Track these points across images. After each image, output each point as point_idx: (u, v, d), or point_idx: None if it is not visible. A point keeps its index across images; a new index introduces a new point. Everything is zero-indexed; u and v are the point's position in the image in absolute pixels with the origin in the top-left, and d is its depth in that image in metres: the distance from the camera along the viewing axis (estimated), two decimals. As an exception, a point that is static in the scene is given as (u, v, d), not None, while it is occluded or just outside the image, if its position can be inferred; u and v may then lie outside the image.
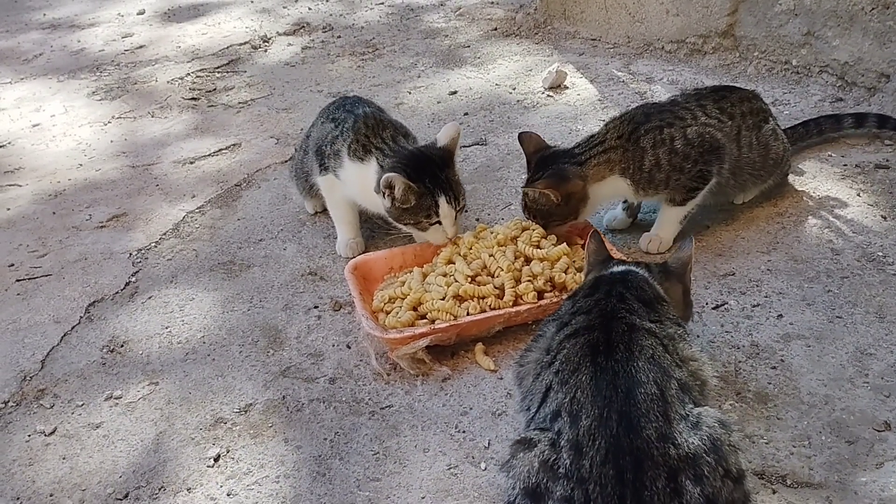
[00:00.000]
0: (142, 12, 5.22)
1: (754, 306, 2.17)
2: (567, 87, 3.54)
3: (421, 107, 3.54)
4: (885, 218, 2.46)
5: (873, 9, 2.98)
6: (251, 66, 4.24)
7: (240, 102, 3.80)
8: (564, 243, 2.27)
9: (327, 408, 1.98)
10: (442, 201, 2.28)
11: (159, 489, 1.81)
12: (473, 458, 1.80)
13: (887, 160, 2.73)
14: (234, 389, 2.07)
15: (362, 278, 2.31)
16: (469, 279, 2.15)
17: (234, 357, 2.19)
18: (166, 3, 5.34)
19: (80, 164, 3.36)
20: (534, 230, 2.29)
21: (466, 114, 3.41)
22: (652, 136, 2.32)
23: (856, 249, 2.34)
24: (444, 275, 2.20)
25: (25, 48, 4.86)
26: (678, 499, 1.36)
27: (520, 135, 2.42)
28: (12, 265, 2.71)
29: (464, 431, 1.87)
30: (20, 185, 3.24)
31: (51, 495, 1.83)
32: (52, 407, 2.08)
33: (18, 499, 1.83)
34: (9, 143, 3.64)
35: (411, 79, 3.85)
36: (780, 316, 2.12)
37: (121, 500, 1.80)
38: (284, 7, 5.04)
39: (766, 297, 2.20)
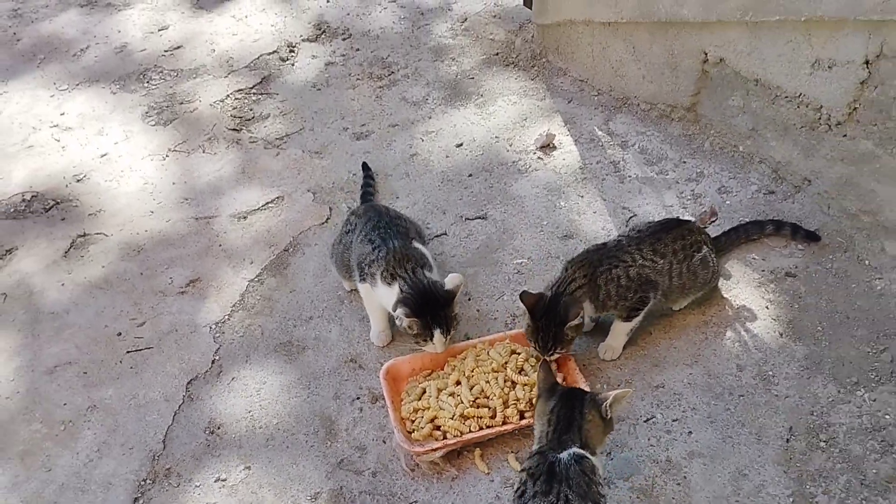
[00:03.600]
0: (171, -7, 5.70)
1: (674, 421, 2.88)
2: (555, 147, 4.20)
3: (432, 160, 4.22)
4: (781, 335, 3.10)
5: (802, 126, 3.64)
6: (281, 85, 4.84)
7: (276, 138, 4.45)
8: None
9: (373, 500, 2.86)
10: (437, 333, 3.07)
11: (265, 566, 2.73)
12: (472, 552, 2.72)
13: (796, 266, 3.39)
14: (305, 478, 2.93)
15: (392, 380, 3.13)
16: (471, 402, 3.00)
17: (302, 445, 3.03)
18: (193, -16, 5.80)
19: (152, 212, 4.08)
20: (519, 355, 3.12)
21: (470, 175, 4.10)
22: (605, 276, 3.09)
23: (754, 367, 2.95)
24: (452, 395, 3.04)
25: (69, 36, 5.39)
26: None
27: (521, 295, 3.06)
28: (119, 334, 3.50)
29: (466, 528, 2.78)
30: (106, 235, 3.98)
31: (192, 566, 2.75)
32: (178, 486, 2.94)
33: (171, 568, 2.75)
34: (84, 176, 4.32)
35: (423, 119, 4.48)
36: (690, 433, 2.80)
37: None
38: None
39: (683, 411, 2.90)
